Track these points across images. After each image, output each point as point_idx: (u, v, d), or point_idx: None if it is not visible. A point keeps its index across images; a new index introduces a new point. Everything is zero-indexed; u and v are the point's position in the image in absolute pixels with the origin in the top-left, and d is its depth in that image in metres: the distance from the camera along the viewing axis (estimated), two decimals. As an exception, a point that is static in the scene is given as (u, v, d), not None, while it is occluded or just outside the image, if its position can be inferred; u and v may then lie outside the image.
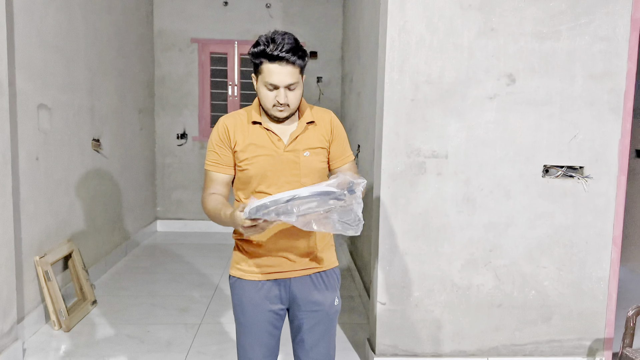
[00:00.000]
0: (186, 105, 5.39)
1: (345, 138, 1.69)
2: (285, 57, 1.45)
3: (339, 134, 1.65)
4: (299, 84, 1.52)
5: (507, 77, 2.29)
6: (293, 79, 1.48)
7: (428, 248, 2.36)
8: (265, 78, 1.48)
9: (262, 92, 1.51)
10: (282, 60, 1.45)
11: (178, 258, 4.41)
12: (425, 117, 2.29)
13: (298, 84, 1.51)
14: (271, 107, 1.51)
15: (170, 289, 3.62)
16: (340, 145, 1.65)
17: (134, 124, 4.65)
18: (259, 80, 1.52)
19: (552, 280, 2.41)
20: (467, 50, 2.27)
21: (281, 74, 1.46)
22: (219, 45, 5.35)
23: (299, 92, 1.53)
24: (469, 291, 2.40)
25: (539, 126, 2.32)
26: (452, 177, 2.33)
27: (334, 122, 1.65)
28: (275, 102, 1.50)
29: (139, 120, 4.82)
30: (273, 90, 1.49)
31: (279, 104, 1.49)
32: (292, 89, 1.49)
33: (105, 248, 3.98)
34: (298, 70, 1.49)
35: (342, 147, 1.66)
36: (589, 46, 2.28)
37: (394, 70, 2.26)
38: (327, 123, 1.63)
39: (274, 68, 1.46)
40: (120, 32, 4.23)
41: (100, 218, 3.88)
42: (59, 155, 3.17)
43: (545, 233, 2.38)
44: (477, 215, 2.35)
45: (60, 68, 3.18)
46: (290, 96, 1.50)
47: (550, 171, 2.35)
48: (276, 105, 1.50)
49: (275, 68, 1.46)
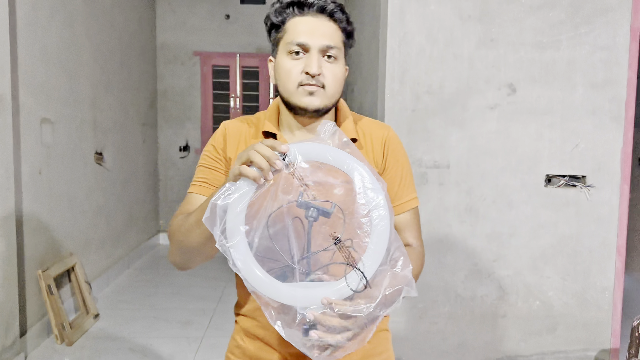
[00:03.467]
0: (189, 117, 5.42)
1: (408, 169, 1.12)
2: (325, 5, 1.00)
3: (397, 162, 1.10)
4: (341, 60, 1.03)
5: (507, 87, 2.30)
6: (333, 42, 1.00)
7: (431, 259, 2.35)
8: (290, 38, 1.00)
9: (283, 65, 1.01)
10: (320, 10, 1.00)
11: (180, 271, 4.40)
12: (426, 127, 2.30)
13: (339, 59, 1.02)
14: (296, 87, 1.00)
15: (172, 302, 3.62)
16: (396, 180, 1.09)
17: (136, 136, 4.68)
18: (279, 53, 1.03)
19: (556, 290, 2.40)
20: (468, 60, 2.28)
21: (316, 28, 0.99)
22: (221, 58, 5.39)
23: (339, 70, 1.02)
24: (473, 302, 2.39)
25: (541, 135, 2.32)
26: (454, 187, 2.33)
27: (390, 143, 1.10)
28: (302, 79, 0.99)
29: (142, 133, 4.85)
30: (300, 58, 1.00)
31: (310, 78, 0.98)
32: (330, 60, 1.00)
33: (107, 261, 3.98)
34: (341, 35, 1.03)
35: (398, 183, 1.09)
36: (589, 55, 2.29)
37: (394, 81, 2.28)
38: (379, 143, 1.10)
39: (306, 21, 1.00)
40: (122, 45, 4.27)
41: (103, 231, 3.89)
42: (62, 169, 3.19)
43: (548, 243, 2.37)
44: (480, 225, 2.35)
45: (63, 82, 3.21)
46: (328, 71, 1.00)
47: (553, 180, 2.35)
48: (304, 84, 0.99)
49: (308, 21, 1.00)
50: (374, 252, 0.83)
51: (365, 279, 0.82)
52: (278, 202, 0.83)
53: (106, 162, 3.91)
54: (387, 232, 0.83)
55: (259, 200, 0.83)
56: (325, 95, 1.01)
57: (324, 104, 1.01)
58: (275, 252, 0.84)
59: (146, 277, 4.25)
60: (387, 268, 0.84)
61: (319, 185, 0.84)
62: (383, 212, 0.84)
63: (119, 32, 4.20)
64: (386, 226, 0.84)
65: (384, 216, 0.84)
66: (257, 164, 0.80)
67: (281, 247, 0.84)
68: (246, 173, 0.80)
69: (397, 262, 0.85)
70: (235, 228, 0.81)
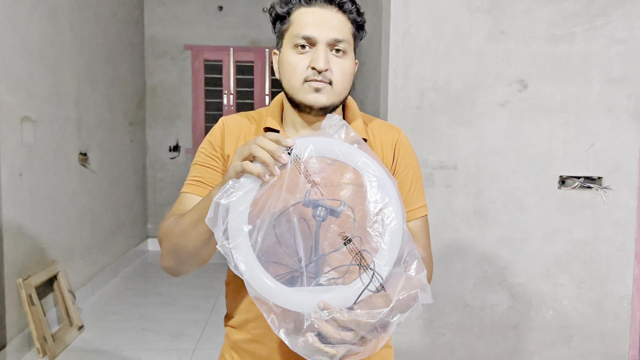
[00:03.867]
0: (179, 115, 5.42)
1: (418, 175, 1.13)
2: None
3: (407, 167, 1.10)
4: (350, 54, 1.02)
5: (518, 83, 2.30)
6: (342, 35, 0.99)
7: (438, 266, 2.35)
8: (295, 30, 0.99)
9: (288, 59, 1.00)
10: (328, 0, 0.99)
11: (171, 279, 4.40)
12: (432, 126, 2.30)
13: (348, 53, 1.02)
14: (301, 83, 0.99)
15: (162, 313, 3.61)
16: (406, 186, 1.10)
17: (123, 136, 4.67)
18: (284, 46, 1.02)
19: (571, 299, 2.39)
20: (476, 54, 2.28)
21: (324, 20, 0.98)
22: (214, 52, 5.39)
23: (348, 65, 1.02)
24: (482, 312, 2.38)
25: (554, 134, 2.32)
26: (462, 189, 2.33)
27: (401, 146, 1.11)
28: (308, 74, 0.98)
29: (129, 133, 4.84)
30: (307, 52, 0.99)
31: (317, 74, 0.98)
32: (338, 54, 1.00)
33: (93, 269, 3.97)
34: (351, 28, 1.02)
35: (407, 188, 1.10)
36: (605, 49, 2.29)
37: (398, 77, 2.27)
38: (389, 145, 1.10)
39: (313, 12, 0.99)
40: (109, 39, 4.27)
41: (88, 237, 3.88)
42: (44, 171, 3.18)
43: (562, 248, 2.36)
44: (490, 230, 2.35)
45: (46, 78, 3.20)
46: (336, 66, 0.99)
47: (567, 182, 2.35)
48: (310, 80, 0.99)
49: (315, 12, 0.99)
50: (387, 252, 0.82)
51: (380, 279, 0.81)
52: (283, 201, 0.81)
53: (91, 164, 3.90)
54: (400, 232, 0.82)
55: (262, 199, 0.81)
56: (333, 92, 1.00)
57: (330, 101, 1.00)
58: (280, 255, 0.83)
59: (134, 286, 4.24)
60: (400, 271, 0.83)
61: (327, 182, 0.83)
62: (395, 210, 0.82)
63: (105, 26, 4.19)
64: (399, 225, 0.82)
65: (396, 215, 0.82)
66: (261, 159, 0.78)
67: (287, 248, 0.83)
68: (250, 169, 0.78)
69: (411, 266, 0.84)
70: (238, 228, 0.79)
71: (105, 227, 4.26)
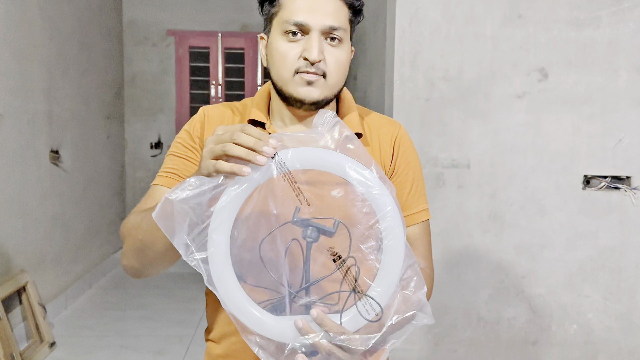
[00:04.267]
0: (161, 109, 5.43)
1: (420, 175, 1.14)
2: None
3: (408, 166, 1.11)
4: (346, 42, 1.02)
5: (538, 72, 2.32)
6: (337, 21, 0.98)
7: (448, 275, 2.37)
8: (286, 15, 0.98)
9: (277, 47, 1.00)
10: None
11: (153, 290, 4.41)
12: (442, 119, 2.32)
13: (344, 42, 1.01)
14: (292, 74, 0.99)
15: (143, 328, 3.62)
16: (406, 188, 1.10)
17: (99, 131, 4.68)
18: (272, 31, 1.02)
19: (596, 312, 2.41)
20: (491, 40, 2.30)
21: (318, 5, 0.97)
22: (200, 38, 5.40)
23: (344, 55, 1.01)
24: (498, 326, 2.40)
25: (578, 129, 2.33)
26: (475, 190, 2.35)
27: (401, 143, 1.12)
28: (300, 65, 0.98)
29: (106, 128, 4.85)
30: (298, 40, 0.98)
31: (309, 65, 0.98)
32: (333, 43, 0.99)
33: (65, 279, 3.98)
34: (347, 13, 1.01)
35: (407, 190, 1.10)
36: (634, 34, 2.30)
37: (404, 66, 2.29)
38: (388, 141, 1.11)
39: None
40: (83, 24, 4.27)
41: (60, 244, 3.89)
42: (11, 170, 3.19)
43: (587, 256, 2.38)
44: (507, 235, 2.37)
45: (12, 67, 3.21)
46: (331, 57, 0.99)
47: (592, 182, 2.36)
48: (301, 72, 0.99)
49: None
50: (385, 274, 0.81)
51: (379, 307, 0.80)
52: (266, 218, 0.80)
53: (64, 162, 3.91)
54: (401, 250, 0.81)
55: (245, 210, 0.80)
56: (327, 86, 1.00)
57: (323, 95, 1.00)
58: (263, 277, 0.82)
59: (111, 299, 4.24)
60: (397, 290, 0.82)
61: (312, 187, 0.82)
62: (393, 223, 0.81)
63: (79, 9, 4.20)
64: (399, 241, 0.82)
65: (395, 229, 0.81)
66: (237, 155, 0.76)
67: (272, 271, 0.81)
68: (222, 168, 0.77)
69: (410, 283, 0.83)
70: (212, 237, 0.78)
71: (79, 232, 4.27)
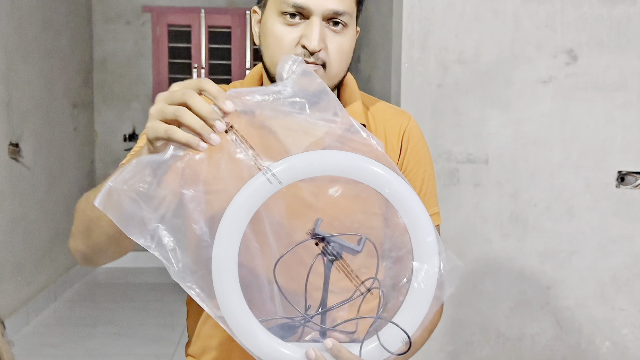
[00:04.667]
0: (136, 96, 5.41)
1: (431, 174, 1.15)
2: None
3: (418, 163, 1.12)
4: (352, 26, 1.03)
5: (566, 54, 2.30)
6: (342, 5, 0.98)
7: (464, 286, 2.35)
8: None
9: (273, 29, 0.99)
10: None
11: (126, 304, 4.40)
12: (457, 108, 2.30)
13: (349, 27, 1.02)
14: None
15: (115, 347, 3.61)
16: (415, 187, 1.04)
17: (65, 122, 4.66)
18: (267, 9, 1.01)
19: (632, 327, 2.40)
20: (512, 18, 2.28)
21: None
22: (180, 15, 5.38)
23: (347, 42, 1.02)
24: (520, 343, 2.39)
25: (611, 119, 2.32)
26: (494, 189, 2.33)
27: (411, 137, 1.12)
28: (297, 52, 0.98)
29: (73, 118, 4.83)
30: (297, 25, 0.98)
31: (308, 54, 0.97)
32: (337, 28, 0.99)
33: (27, 291, 3.96)
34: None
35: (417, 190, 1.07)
36: (675, 11, 2.30)
37: (414, 47, 2.27)
38: (395, 134, 1.11)
39: None
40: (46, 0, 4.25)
41: (21, 251, 3.87)
42: (-36, 167, 3.17)
43: (622, 263, 2.37)
44: (530, 240, 2.35)
45: (-34, 49, 3.19)
46: (333, 44, 0.99)
47: (627, 179, 2.35)
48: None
49: None
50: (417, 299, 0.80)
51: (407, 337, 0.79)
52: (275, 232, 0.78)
53: (24, 157, 3.89)
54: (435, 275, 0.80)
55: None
56: (326, 76, 0.99)
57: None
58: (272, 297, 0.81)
59: (80, 313, 4.23)
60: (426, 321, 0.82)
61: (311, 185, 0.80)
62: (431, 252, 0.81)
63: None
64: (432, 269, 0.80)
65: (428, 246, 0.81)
66: (190, 126, 0.74)
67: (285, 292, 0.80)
68: (175, 137, 0.74)
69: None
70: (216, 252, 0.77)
71: (43, 237, 4.25)
